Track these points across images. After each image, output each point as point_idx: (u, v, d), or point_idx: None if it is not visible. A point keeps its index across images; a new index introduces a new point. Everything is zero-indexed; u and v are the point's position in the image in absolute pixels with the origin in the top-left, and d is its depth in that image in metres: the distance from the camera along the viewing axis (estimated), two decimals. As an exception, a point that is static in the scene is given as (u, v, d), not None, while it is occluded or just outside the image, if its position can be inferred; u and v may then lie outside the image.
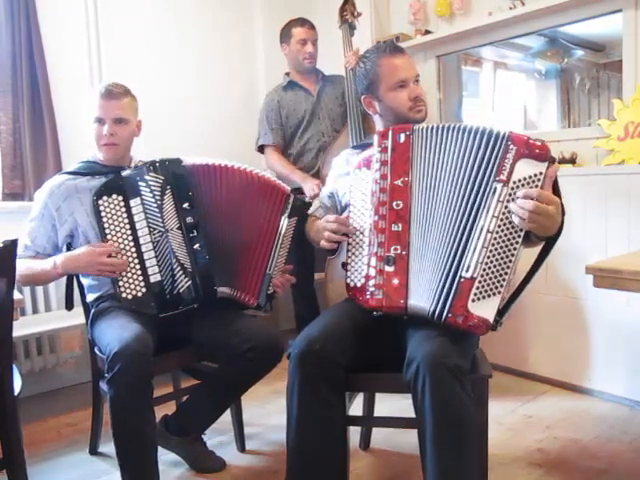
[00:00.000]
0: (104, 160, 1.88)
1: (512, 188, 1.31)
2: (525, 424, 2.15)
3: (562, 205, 1.35)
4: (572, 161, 2.39)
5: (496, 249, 1.32)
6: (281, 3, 3.25)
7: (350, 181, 1.57)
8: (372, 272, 1.46)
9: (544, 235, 1.36)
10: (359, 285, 1.49)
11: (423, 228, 1.42)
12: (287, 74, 2.85)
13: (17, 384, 1.47)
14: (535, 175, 1.30)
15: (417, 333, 1.40)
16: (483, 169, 1.34)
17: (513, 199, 1.30)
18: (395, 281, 1.43)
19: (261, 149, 2.83)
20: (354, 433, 1.97)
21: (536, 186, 1.29)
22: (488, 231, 1.32)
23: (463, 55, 3.12)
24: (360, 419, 1.91)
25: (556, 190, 1.35)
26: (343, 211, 1.70)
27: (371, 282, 1.46)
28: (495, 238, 1.32)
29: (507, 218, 1.32)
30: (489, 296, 1.33)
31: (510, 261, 1.32)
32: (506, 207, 1.31)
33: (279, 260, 1.82)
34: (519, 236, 1.32)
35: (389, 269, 1.43)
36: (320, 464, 1.41)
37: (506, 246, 1.32)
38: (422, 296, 1.40)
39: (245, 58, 3.38)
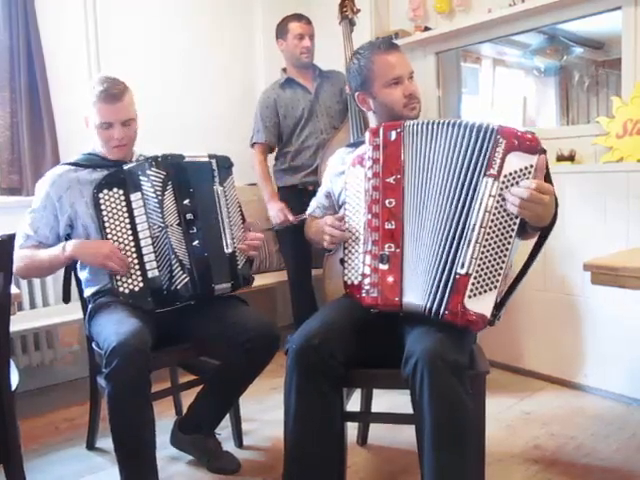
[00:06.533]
0: (110, 157, 1.85)
1: (503, 182, 1.30)
2: (522, 421, 2.16)
3: (555, 196, 1.35)
4: (571, 158, 2.39)
5: (490, 244, 1.31)
6: (280, 0, 3.23)
7: (345, 179, 1.57)
8: (367, 270, 1.46)
9: (538, 225, 1.35)
10: (356, 283, 1.50)
11: (416, 225, 1.41)
12: (284, 70, 2.83)
13: (14, 379, 1.47)
14: (526, 168, 1.29)
15: (415, 329, 1.40)
16: (473, 164, 1.34)
17: (504, 193, 1.29)
18: (390, 279, 1.43)
19: (254, 146, 2.82)
20: (351, 429, 1.97)
21: (527, 179, 1.28)
22: (481, 226, 1.31)
23: (462, 52, 3.12)
24: (358, 415, 1.91)
25: (548, 180, 1.34)
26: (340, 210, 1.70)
27: (366, 280, 1.46)
28: (488, 233, 1.31)
29: (499, 212, 1.31)
30: (485, 292, 1.32)
31: (505, 255, 1.31)
32: (498, 201, 1.30)
33: (234, 230, 1.83)
34: (513, 230, 1.31)
35: (383, 267, 1.44)
36: (317, 460, 1.41)
37: (500, 240, 1.31)
38: (417, 293, 1.40)
39: (244, 55, 3.36)
